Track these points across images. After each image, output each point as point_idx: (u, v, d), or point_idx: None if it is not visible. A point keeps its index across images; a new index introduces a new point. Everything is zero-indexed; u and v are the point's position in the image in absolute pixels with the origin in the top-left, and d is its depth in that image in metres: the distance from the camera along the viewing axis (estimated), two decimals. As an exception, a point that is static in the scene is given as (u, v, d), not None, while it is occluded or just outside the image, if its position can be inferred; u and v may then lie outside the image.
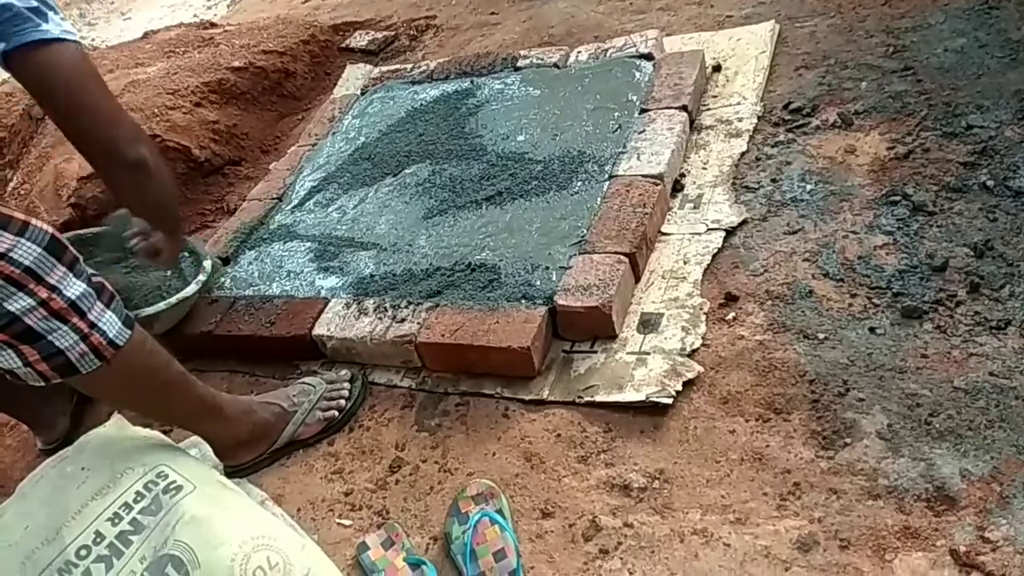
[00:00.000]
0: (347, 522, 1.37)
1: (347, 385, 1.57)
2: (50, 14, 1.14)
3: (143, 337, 1.25)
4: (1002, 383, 1.19)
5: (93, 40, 4.48)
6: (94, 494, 1.20)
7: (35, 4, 1.13)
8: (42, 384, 1.18)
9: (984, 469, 1.10)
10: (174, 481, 1.22)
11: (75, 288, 1.13)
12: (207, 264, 1.83)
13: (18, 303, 1.08)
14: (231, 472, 1.48)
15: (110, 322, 1.17)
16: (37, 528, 1.17)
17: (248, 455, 1.49)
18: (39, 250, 1.09)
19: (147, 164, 1.28)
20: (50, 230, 1.12)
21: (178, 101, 2.45)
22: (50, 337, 1.12)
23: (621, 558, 1.18)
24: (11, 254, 1.06)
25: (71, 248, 1.15)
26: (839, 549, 1.08)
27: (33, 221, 1.10)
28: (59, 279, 1.12)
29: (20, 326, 1.09)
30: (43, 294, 1.09)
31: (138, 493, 1.20)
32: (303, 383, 1.58)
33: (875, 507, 1.11)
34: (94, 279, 1.18)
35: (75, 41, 1.17)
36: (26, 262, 1.08)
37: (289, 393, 1.55)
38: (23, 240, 1.08)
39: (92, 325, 1.15)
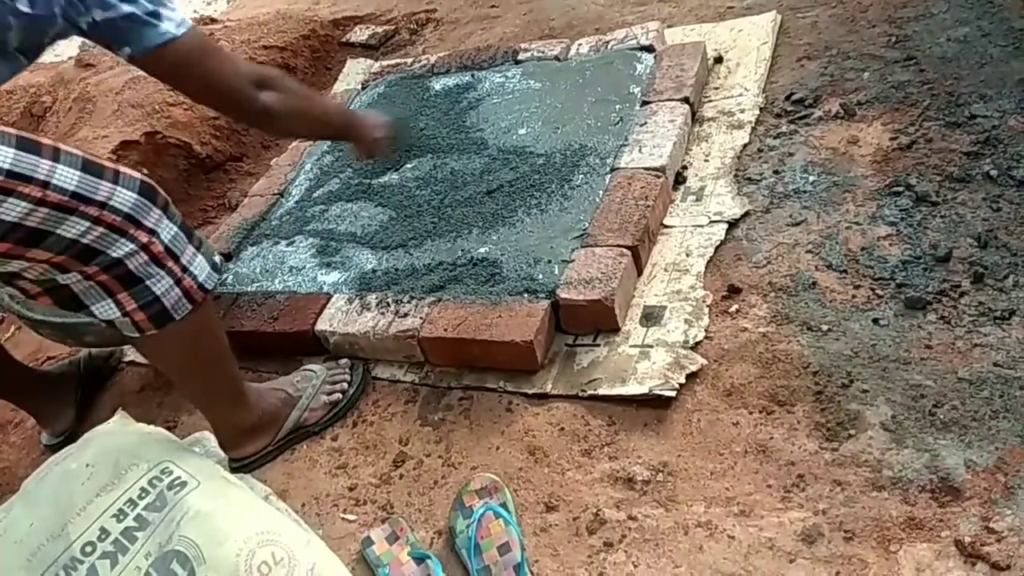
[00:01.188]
0: (351, 517, 1.37)
1: (347, 371, 1.59)
2: (164, 11, 1.20)
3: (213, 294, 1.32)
4: (1007, 373, 1.19)
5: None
6: (99, 490, 1.20)
7: (151, 8, 1.18)
8: (136, 336, 1.23)
9: (989, 460, 1.10)
10: (178, 477, 1.22)
11: (169, 230, 1.19)
12: None
13: (121, 249, 1.13)
14: (236, 467, 1.49)
15: (200, 266, 1.24)
16: (42, 525, 1.18)
17: (254, 445, 1.50)
18: (134, 196, 1.14)
19: (270, 110, 1.35)
20: (138, 175, 1.17)
21: (179, 97, 2.45)
22: (147, 282, 1.17)
23: (625, 551, 1.18)
24: (111, 202, 1.10)
25: (162, 191, 1.20)
26: (844, 541, 1.08)
27: (121, 168, 1.15)
28: (156, 221, 1.17)
29: (122, 269, 1.14)
30: (143, 238, 1.15)
31: (142, 489, 1.20)
32: (305, 369, 1.60)
33: (879, 498, 1.11)
34: (185, 221, 1.24)
35: (189, 30, 1.23)
36: (125, 208, 1.12)
37: (293, 380, 1.57)
38: (119, 188, 1.12)
39: (184, 269, 1.21)
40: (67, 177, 1.06)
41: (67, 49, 4.04)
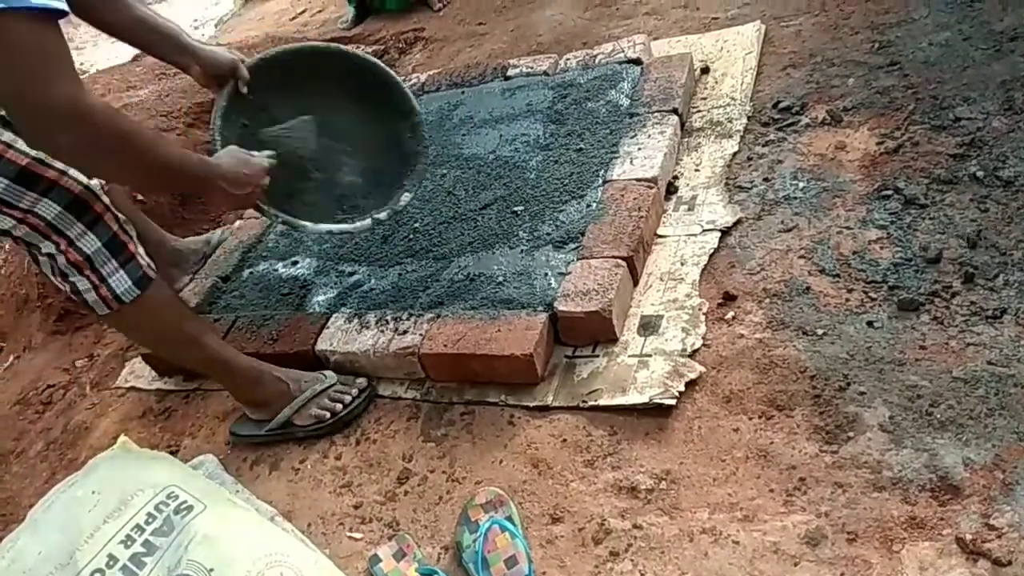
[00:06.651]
0: (358, 535, 1.38)
1: (354, 392, 1.59)
2: None
3: (156, 298, 1.43)
4: (1000, 371, 1.20)
5: (82, 64, 4.49)
6: (105, 517, 1.21)
7: None
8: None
9: (986, 457, 1.12)
10: (185, 501, 1.23)
11: (91, 244, 1.34)
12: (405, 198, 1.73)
13: (47, 248, 1.33)
14: (235, 438, 1.63)
15: (120, 280, 1.38)
16: (50, 553, 1.18)
17: (256, 414, 1.62)
18: (59, 209, 1.29)
19: (88, 109, 1.08)
20: (76, 190, 1.31)
21: (172, 123, 2.47)
22: (71, 279, 1.36)
23: (632, 560, 1.19)
24: (35, 209, 1.28)
25: (96, 208, 1.34)
26: (847, 542, 1.10)
27: (62, 181, 1.29)
28: (77, 234, 1.33)
29: (53, 263, 1.35)
30: (62, 245, 1.32)
31: (149, 515, 1.21)
32: (320, 373, 1.63)
33: (880, 499, 1.12)
34: (120, 237, 1.38)
35: (25, 10, 0.99)
36: (48, 217, 1.29)
37: (303, 377, 1.61)
38: (44, 200, 1.27)
39: (102, 279, 1.36)
40: None
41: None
